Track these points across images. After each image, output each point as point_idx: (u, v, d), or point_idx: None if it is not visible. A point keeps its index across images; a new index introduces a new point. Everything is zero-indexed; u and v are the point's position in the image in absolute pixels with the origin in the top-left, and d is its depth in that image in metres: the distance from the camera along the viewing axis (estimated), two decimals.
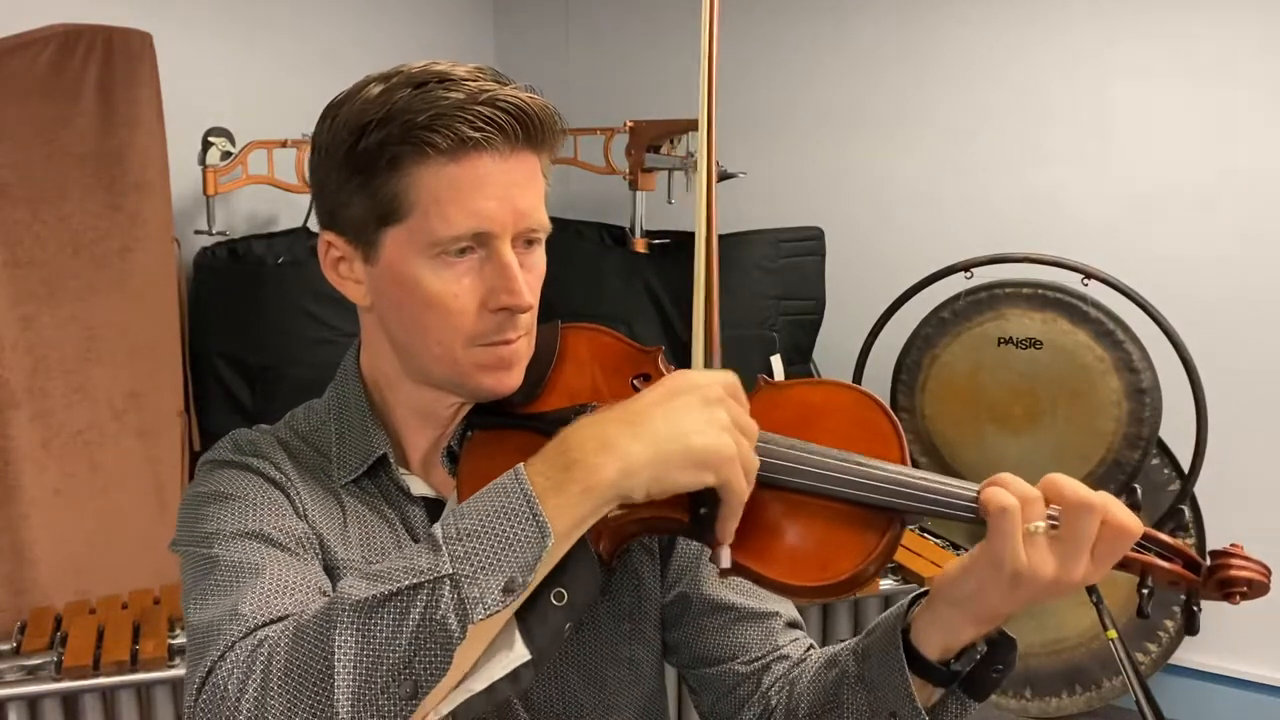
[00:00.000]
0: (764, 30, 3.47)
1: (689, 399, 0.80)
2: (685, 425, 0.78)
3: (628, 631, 1.03)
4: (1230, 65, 2.82)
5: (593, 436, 0.78)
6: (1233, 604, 0.86)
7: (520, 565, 0.74)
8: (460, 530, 0.76)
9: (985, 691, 0.91)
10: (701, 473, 0.79)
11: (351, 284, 0.96)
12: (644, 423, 0.78)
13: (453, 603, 0.73)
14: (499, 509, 0.76)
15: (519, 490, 0.76)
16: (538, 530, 0.75)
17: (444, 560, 0.74)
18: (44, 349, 2.39)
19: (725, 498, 0.81)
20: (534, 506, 0.76)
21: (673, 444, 0.78)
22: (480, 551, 0.74)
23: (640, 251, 3.11)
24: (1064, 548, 0.81)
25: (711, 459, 0.78)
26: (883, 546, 0.85)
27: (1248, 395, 2.87)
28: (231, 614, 0.81)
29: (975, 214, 3.18)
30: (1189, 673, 3.03)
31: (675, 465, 0.78)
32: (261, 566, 0.85)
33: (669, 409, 0.79)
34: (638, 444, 0.77)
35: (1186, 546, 0.88)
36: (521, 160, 0.91)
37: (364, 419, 1.00)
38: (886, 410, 0.92)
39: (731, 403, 0.81)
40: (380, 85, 0.90)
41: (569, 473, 0.77)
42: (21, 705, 1.87)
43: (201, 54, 2.90)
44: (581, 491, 0.77)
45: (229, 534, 0.89)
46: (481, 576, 0.74)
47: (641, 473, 0.77)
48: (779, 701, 1.02)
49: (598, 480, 0.77)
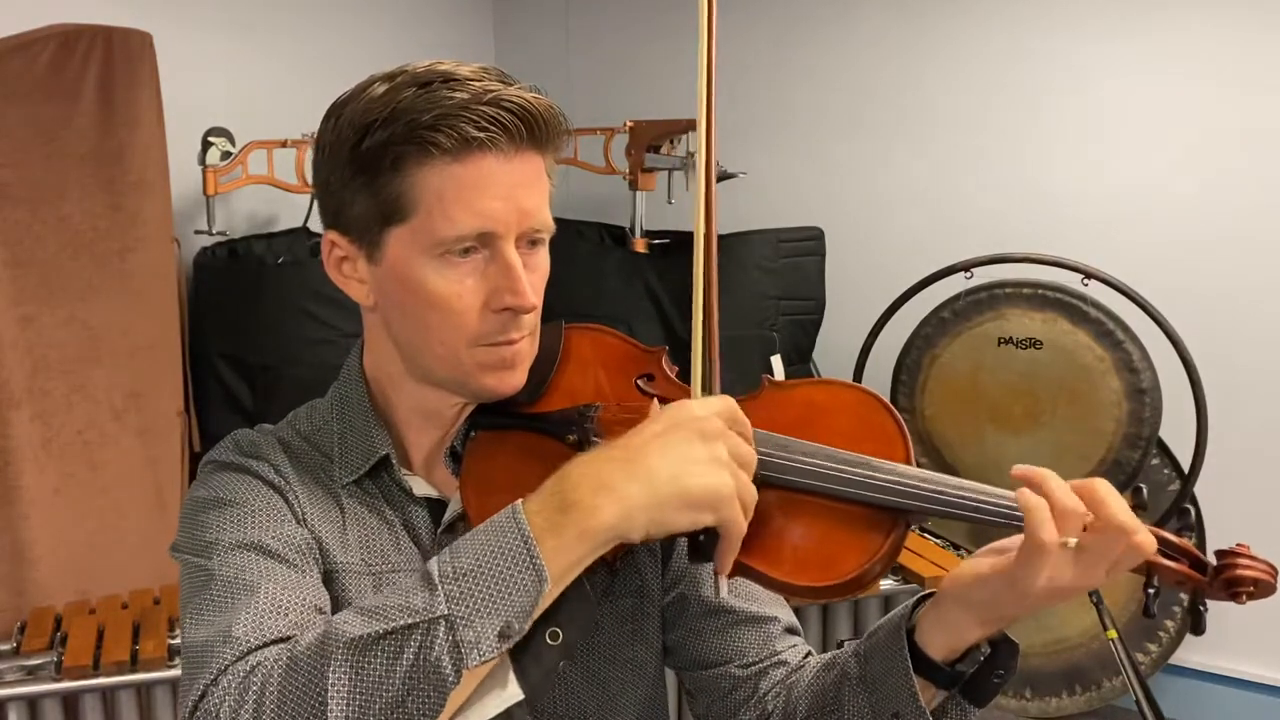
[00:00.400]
0: (764, 31, 3.47)
1: (686, 434, 0.79)
2: (683, 466, 0.77)
3: (630, 633, 1.03)
4: (1231, 65, 2.82)
5: (591, 476, 0.78)
6: (1239, 604, 0.85)
7: (517, 611, 0.74)
8: (457, 569, 0.76)
9: (986, 697, 0.90)
10: (699, 514, 0.78)
11: (355, 284, 0.96)
12: (641, 461, 0.78)
13: (447, 645, 0.73)
14: (496, 549, 0.76)
15: (516, 530, 0.76)
16: (534, 574, 0.75)
17: (439, 600, 0.74)
18: (44, 349, 2.39)
19: (724, 534, 0.80)
20: (531, 549, 0.75)
21: (670, 486, 0.77)
22: (476, 593, 0.74)
23: (640, 251, 3.11)
24: (1087, 561, 0.80)
25: (710, 500, 0.78)
26: (888, 547, 0.84)
27: (1248, 395, 2.87)
28: (225, 636, 0.80)
29: (975, 214, 3.18)
30: (1189, 673, 3.03)
31: (672, 508, 0.77)
32: (257, 584, 0.85)
33: (666, 447, 0.78)
34: (634, 485, 0.77)
35: (1193, 547, 0.87)
36: (526, 160, 0.91)
37: (366, 419, 0.99)
38: (891, 410, 0.92)
39: (730, 435, 0.80)
40: (385, 85, 0.89)
41: (567, 515, 0.76)
42: (21, 705, 1.87)
43: (201, 54, 2.90)
44: (578, 535, 0.76)
45: (227, 545, 0.89)
46: (477, 620, 0.74)
47: (639, 516, 0.77)
48: (775, 707, 1.01)
49: (596, 524, 0.76)
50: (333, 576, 0.93)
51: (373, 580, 0.94)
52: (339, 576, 0.93)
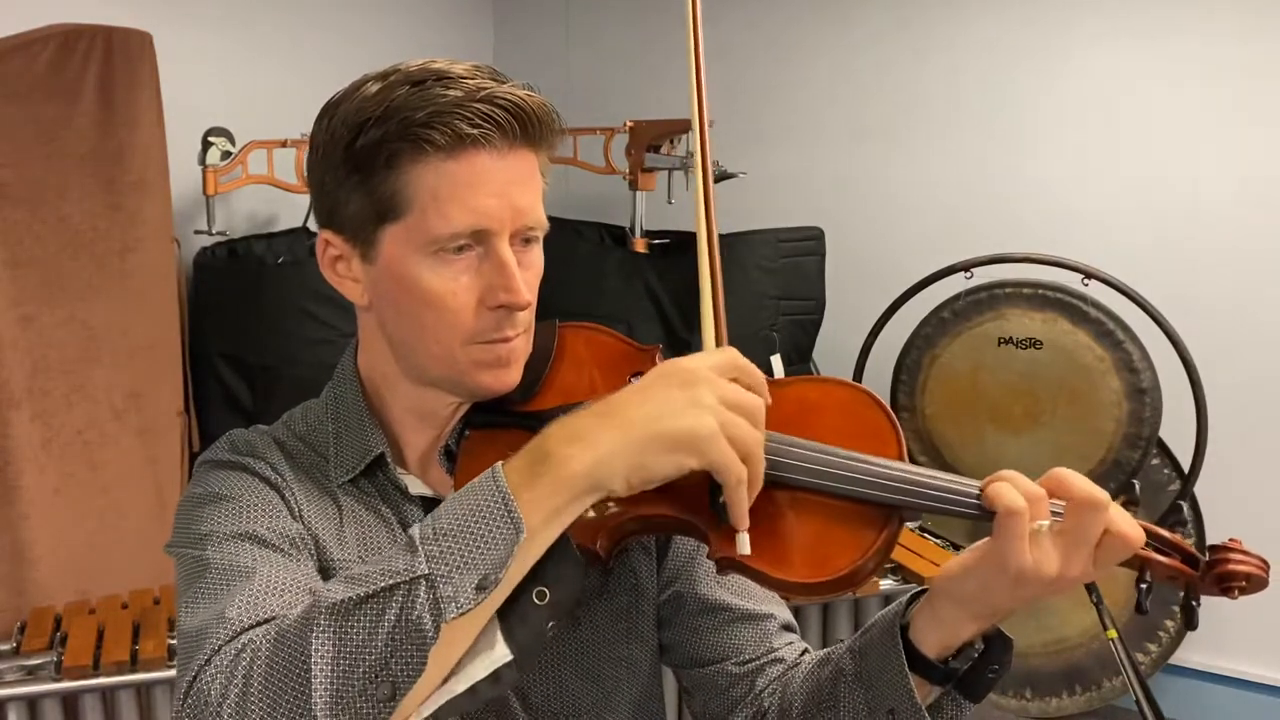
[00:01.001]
0: (764, 31, 3.47)
1: (667, 382, 0.79)
2: (659, 409, 0.77)
3: (624, 630, 1.03)
4: (1233, 65, 2.82)
5: (565, 427, 0.78)
6: (1231, 599, 0.86)
7: (494, 562, 0.74)
8: (437, 530, 0.76)
9: (981, 692, 0.90)
10: (679, 456, 0.78)
11: (349, 283, 0.96)
12: (618, 412, 0.78)
13: (428, 602, 0.73)
14: (474, 507, 0.76)
15: (494, 487, 0.76)
16: (511, 525, 0.75)
17: (420, 561, 0.74)
18: (44, 349, 2.39)
19: (720, 479, 0.80)
20: (508, 502, 0.75)
21: (644, 429, 0.77)
22: (455, 550, 0.74)
23: (640, 251, 3.11)
24: (1067, 543, 0.81)
25: (687, 440, 0.77)
26: (881, 542, 0.84)
27: (1248, 395, 2.87)
28: (219, 618, 0.81)
29: (975, 214, 3.18)
30: (1189, 673, 3.03)
31: (649, 450, 0.77)
32: (252, 570, 0.85)
33: (645, 396, 0.79)
34: (608, 433, 0.77)
35: (1185, 541, 0.87)
36: (519, 158, 0.91)
37: (361, 418, 0.99)
38: (884, 407, 0.92)
39: (720, 382, 0.80)
40: (378, 83, 0.89)
41: (541, 465, 0.77)
42: (21, 705, 1.87)
43: (201, 54, 2.91)
44: (553, 483, 0.76)
45: (222, 535, 0.89)
46: (456, 575, 0.74)
47: (614, 461, 0.77)
48: (772, 704, 1.01)
49: (569, 471, 0.76)
50: (329, 574, 0.93)
51: None
52: (335, 574, 0.93)
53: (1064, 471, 0.82)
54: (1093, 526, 0.80)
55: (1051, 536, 0.81)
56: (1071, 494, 0.81)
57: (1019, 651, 0.91)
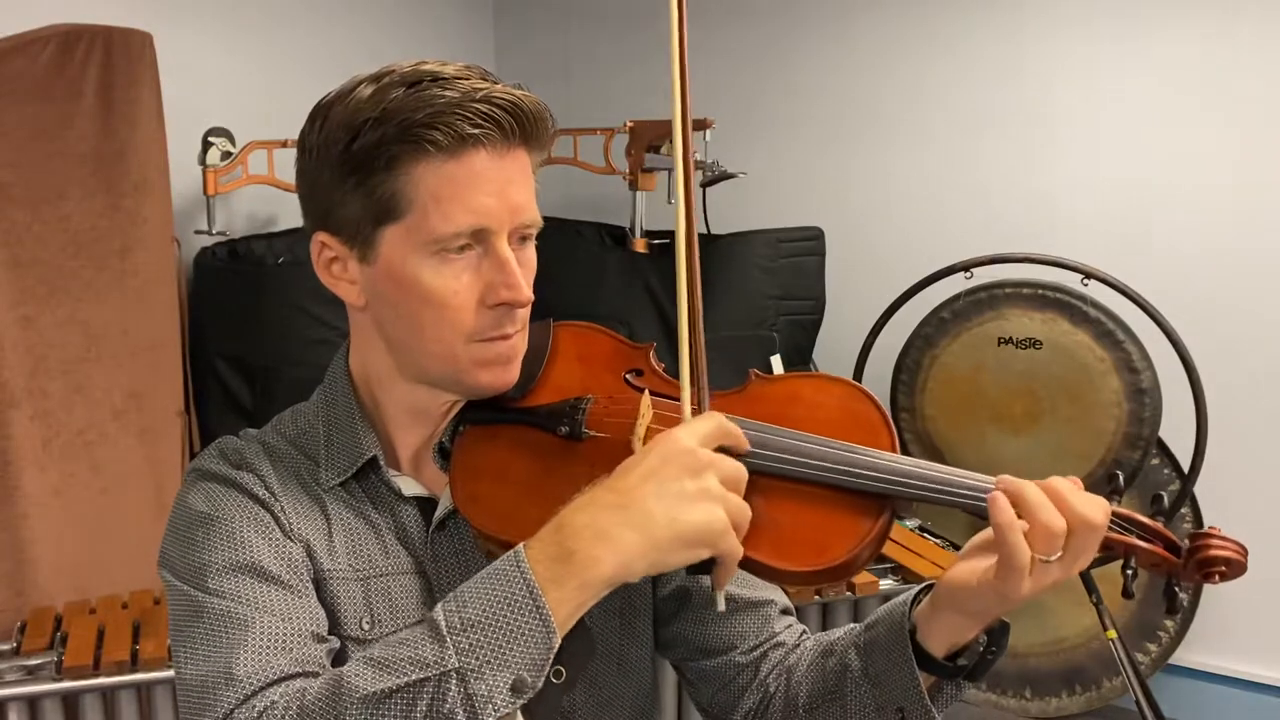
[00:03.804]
0: (764, 31, 3.47)
1: (674, 469, 0.80)
2: (675, 504, 0.78)
3: (618, 627, 1.04)
4: (1233, 65, 2.82)
5: (588, 525, 0.78)
6: (1212, 584, 0.88)
7: (528, 664, 0.75)
8: (464, 620, 0.76)
9: (982, 673, 0.93)
10: (697, 551, 0.80)
11: (345, 284, 0.97)
12: (636, 506, 0.79)
13: (460, 698, 0.74)
14: (502, 599, 0.77)
15: (521, 580, 0.77)
16: (542, 626, 0.76)
17: (449, 654, 0.75)
18: (44, 349, 2.39)
19: (722, 561, 0.82)
20: (538, 599, 0.76)
21: (667, 530, 0.78)
22: (486, 644, 0.75)
23: (640, 251, 3.11)
24: (1065, 564, 0.84)
25: (706, 537, 0.79)
26: (876, 531, 0.86)
27: (1248, 395, 2.87)
28: (226, 676, 0.81)
29: (975, 214, 3.18)
30: (1189, 673, 3.03)
31: (670, 549, 0.79)
32: (251, 617, 0.85)
33: (659, 486, 0.79)
34: (632, 533, 0.78)
35: (1166, 530, 0.90)
36: (515, 158, 0.92)
37: (353, 420, 1.00)
38: (875, 401, 0.94)
39: (719, 461, 0.81)
40: (371, 85, 0.90)
41: (568, 566, 0.77)
42: (21, 705, 1.87)
43: (201, 54, 2.91)
44: (580, 586, 0.77)
45: (219, 568, 0.89)
46: (488, 672, 0.74)
47: (638, 561, 0.78)
48: (777, 688, 1.03)
49: (596, 575, 0.78)
50: (321, 584, 0.93)
51: (361, 586, 0.95)
52: (327, 583, 0.94)
53: (1062, 489, 0.84)
54: (1090, 545, 0.83)
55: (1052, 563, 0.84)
56: (1071, 518, 0.83)
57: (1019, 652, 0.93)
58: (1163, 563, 0.88)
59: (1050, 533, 0.82)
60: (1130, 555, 0.88)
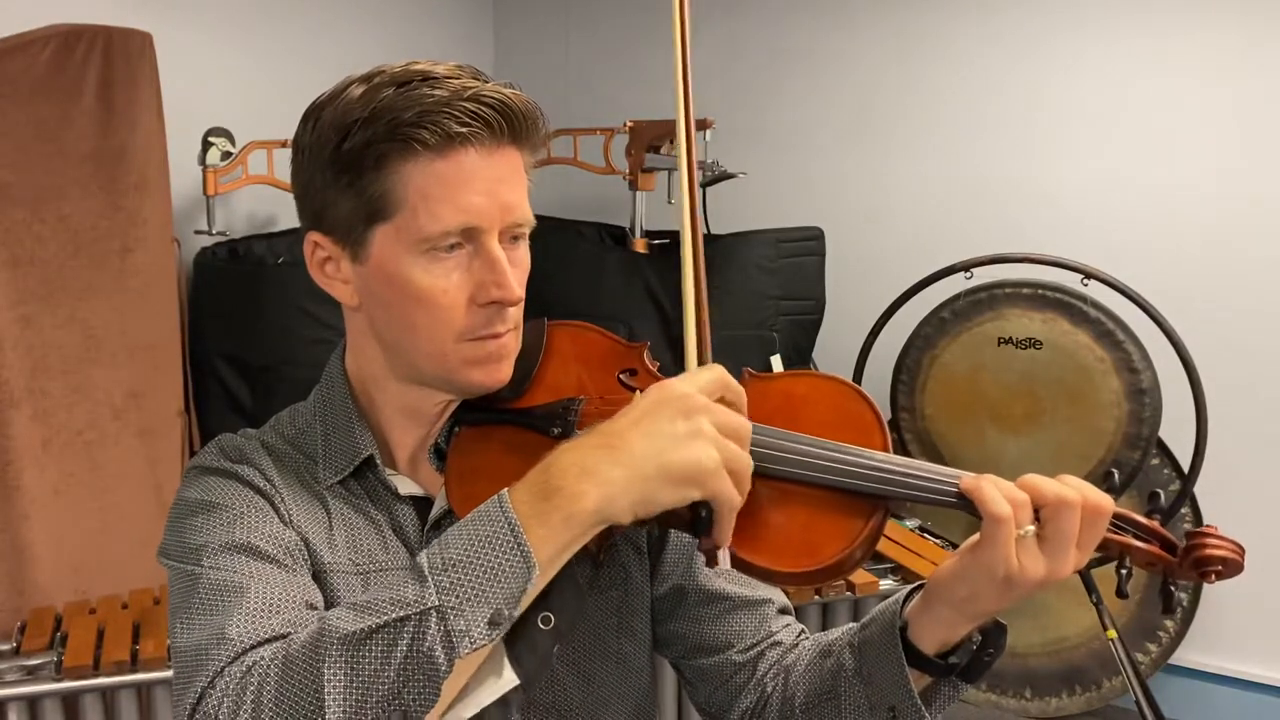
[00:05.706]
0: (765, 32, 3.47)
1: (667, 412, 0.80)
2: (664, 443, 0.78)
3: (615, 625, 1.04)
4: (1233, 65, 2.82)
5: (574, 463, 0.78)
6: (1208, 583, 0.87)
7: (506, 598, 0.76)
8: (446, 560, 0.77)
9: (977, 676, 0.93)
10: (685, 489, 0.79)
11: (339, 284, 0.97)
12: (623, 445, 0.79)
13: (439, 635, 0.74)
14: (484, 537, 0.77)
15: (503, 518, 0.77)
16: (523, 561, 0.76)
17: (430, 591, 0.75)
18: (44, 349, 2.39)
19: (717, 507, 0.81)
20: (519, 536, 0.76)
21: (651, 464, 0.78)
22: (466, 582, 0.75)
23: (640, 251, 3.11)
24: (1051, 546, 0.83)
25: (693, 474, 0.78)
26: (868, 531, 0.86)
27: (1248, 395, 2.87)
28: (219, 637, 0.81)
29: (975, 214, 3.18)
30: (1189, 673, 3.03)
31: (656, 486, 0.78)
32: (247, 586, 0.85)
33: (648, 427, 0.79)
34: (617, 469, 0.78)
35: (1163, 528, 0.89)
36: (505, 156, 0.92)
37: (350, 420, 1.00)
38: (868, 399, 0.94)
39: (716, 408, 0.81)
40: (362, 86, 0.90)
41: (551, 501, 0.77)
42: (21, 705, 1.87)
43: (201, 54, 2.91)
44: (563, 520, 0.77)
45: (216, 547, 0.89)
46: (467, 608, 0.75)
47: (623, 497, 0.78)
48: (775, 688, 1.03)
49: (580, 509, 0.77)
50: (321, 577, 0.94)
51: (361, 580, 0.95)
52: (327, 577, 0.94)
53: (1032, 478, 0.84)
54: (1070, 525, 0.82)
55: (1037, 541, 0.83)
56: (1043, 499, 0.83)
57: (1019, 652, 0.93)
58: (1158, 561, 0.88)
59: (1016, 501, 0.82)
60: (1126, 554, 0.88)
